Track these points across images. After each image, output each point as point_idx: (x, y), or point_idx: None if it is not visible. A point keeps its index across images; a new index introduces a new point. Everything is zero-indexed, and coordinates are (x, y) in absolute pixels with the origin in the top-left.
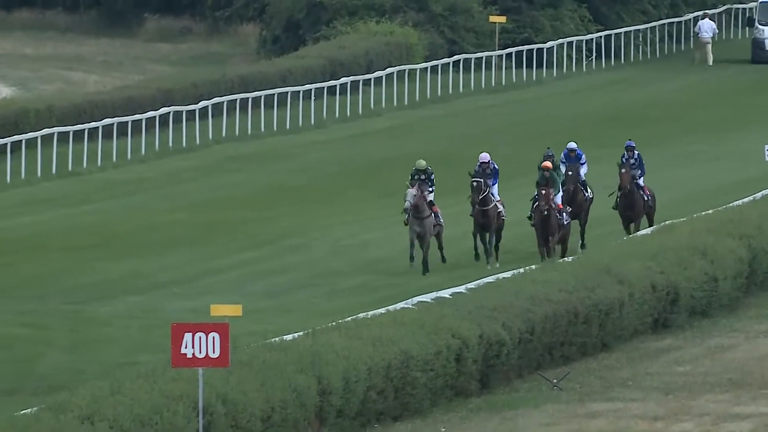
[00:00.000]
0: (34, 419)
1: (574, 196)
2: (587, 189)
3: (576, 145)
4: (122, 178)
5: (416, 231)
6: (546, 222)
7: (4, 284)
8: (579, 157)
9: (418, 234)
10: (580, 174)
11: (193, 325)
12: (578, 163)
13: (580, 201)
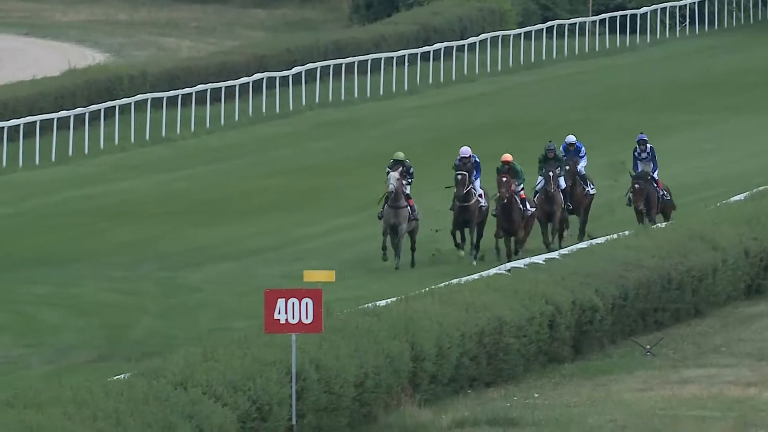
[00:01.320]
0: (127, 385)
1: (573, 190)
2: (587, 183)
3: (575, 138)
4: (215, 144)
5: (393, 222)
6: (507, 213)
7: (97, 250)
8: (578, 150)
9: (392, 225)
10: (579, 168)
11: (286, 291)
12: (577, 156)
13: (579, 196)
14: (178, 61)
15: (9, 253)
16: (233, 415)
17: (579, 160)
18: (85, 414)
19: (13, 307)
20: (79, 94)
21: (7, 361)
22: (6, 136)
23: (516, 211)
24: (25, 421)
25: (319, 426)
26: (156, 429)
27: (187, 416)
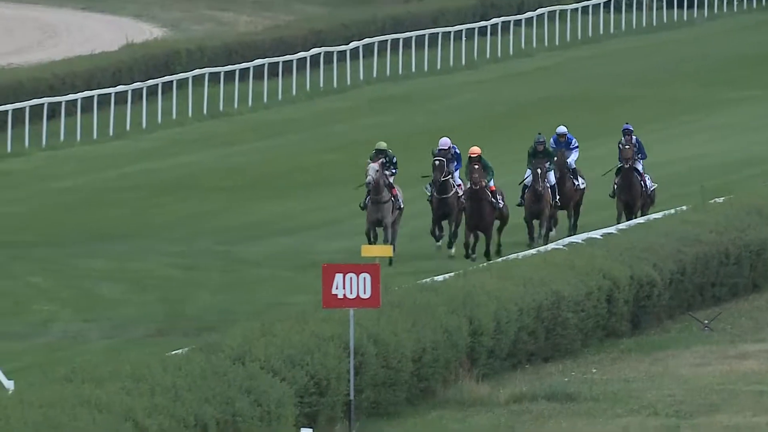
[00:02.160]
0: (185, 360)
1: (562, 184)
2: (578, 178)
3: (566, 129)
4: (272, 118)
5: (376, 218)
6: (476, 205)
7: (155, 225)
8: (569, 141)
9: (377, 220)
10: (568, 160)
11: (344, 266)
12: (567, 148)
13: (569, 190)
14: (235, 36)
15: (68, 228)
16: (291, 390)
17: (569, 152)
18: (143, 389)
19: (73, 281)
20: (137, 68)
21: (67, 336)
22: (64, 111)
23: (486, 204)
24: (84, 396)
25: (377, 401)
26: (214, 404)
27: (245, 391)
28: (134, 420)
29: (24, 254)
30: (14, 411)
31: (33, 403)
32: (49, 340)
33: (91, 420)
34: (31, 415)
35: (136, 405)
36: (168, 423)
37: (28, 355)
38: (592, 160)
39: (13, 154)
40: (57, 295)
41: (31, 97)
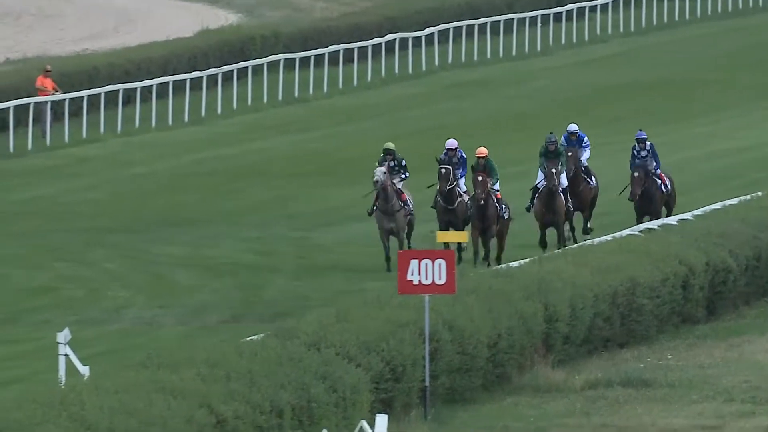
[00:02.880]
0: (260, 346)
1: (575, 184)
2: (591, 177)
3: (577, 127)
4: (348, 104)
5: (388, 228)
6: (482, 212)
7: (231, 210)
8: (581, 140)
9: (390, 230)
10: (581, 159)
11: (420, 252)
12: (579, 147)
13: (583, 190)
14: (310, 22)
15: (143, 214)
16: (366, 376)
17: (581, 150)
18: (218, 375)
19: (148, 267)
20: (212, 54)
21: (142, 322)
22: (139, 97)
23: (491, 208)
24: (159, 382)
25: (453, 387)
26: (289, 390)
27: (320, 377)
28: (209, 406)
29: (99, 240)
30: (89, 397)
31: (108, 389)
32: (124, 326)
33: (166, 406)
34: (107, 401)
35: (211, 391)
36: (243, 409)
37: (103, 342)
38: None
39: (88, 140)
40: (132, 282)
41: (106, 83)
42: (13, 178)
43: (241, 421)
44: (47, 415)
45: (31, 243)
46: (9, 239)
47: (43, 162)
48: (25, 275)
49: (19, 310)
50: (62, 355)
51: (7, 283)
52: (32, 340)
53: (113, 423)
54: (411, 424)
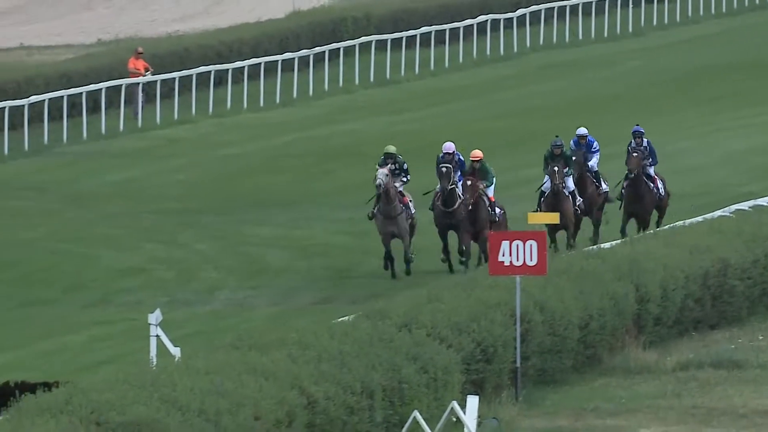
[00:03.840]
0: (351, 327)
1: (583, 187)
2: (601, 181)
3: (586, 131)
4: (439, 86)
5: (390, 232)
6: (473, 216)
7: (322, 192)
8: (590, 144)
9: (393, 234)
10: (589, 163)
11: (511, 234)
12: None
13: (591, 194)
14: (402, 3)
15: (234, 195)
16: (458, 357)
17: (590, 155)
18: (309, 356)
19: (240, 248)
20: (304, 36)
21: (233, 303)
22: (231, 78)
23: (482, 211)
24: (250, 363)
25: (543, 368)
26: (380, 371)
27: (411, 358)
28: (300, 387)
29: (191, 222)
30: (180, 378)
31: (199, 370)
32: (215, 308)
33: (257, 387)
34: (198, 382)
35: (302, 372)
36: (334, 390)
37: (194, 323)
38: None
39: (179, 122)
40: (223, 263)
41: (198, 65)
42: (105, 159)
43: (332, 402)
44: (138, 396)
45: (122, 224)
46: (101, 220)
47: (135, 143)
48: (117, 256)
49: (110, 291)
50: (153, 336)
51: (99, 264)
52: (124, 321)
53: (204, 404)
54: (502, 406)
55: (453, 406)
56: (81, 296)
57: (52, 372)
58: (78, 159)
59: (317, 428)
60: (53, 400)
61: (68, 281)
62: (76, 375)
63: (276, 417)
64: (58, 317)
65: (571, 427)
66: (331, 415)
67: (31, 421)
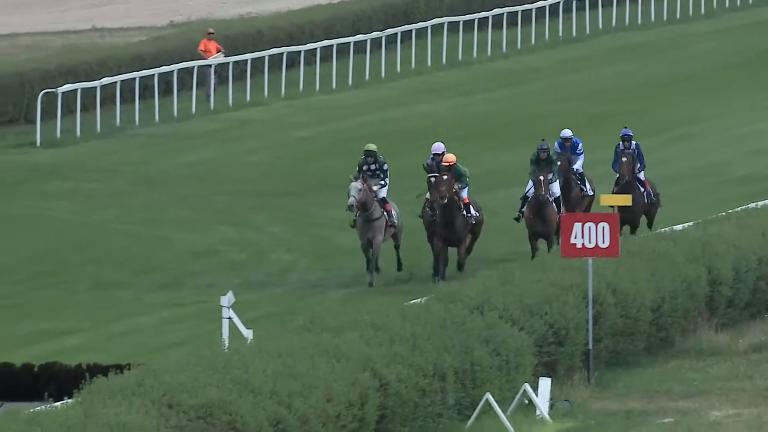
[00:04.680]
0: (424, 309)
1: (568, 190)
2: (586, 183)
3: (571, 133)
4: (511, 67)
5: (370, 237)
6: (449, 221)
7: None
8: (575, 146)
9: (369, 240)
10: (574, 165)
11: (583, 215)
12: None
13: (575, 197)
14: None
15: (307, 177)
16: (530, 339)
17: (575, 157)
18: (382, 338)
19: (312, 231)
20: (376, 17)
21: (306, 285)
22: (303, 60)
23: (458, 216)
24: (322, 345)
25: (616, 350)
26: (452, 353)
27: (483, 340)
28: (372, 369)
29: (264, 204)
30: (253, 360)
31: (271, 352)
32: (288, 290)
33: (329, 369)
34: (270, 365)
35: (374, 354)
36: (406, 372)
37: (266, 305)
38: None
39: (252, 104)
40: (296, 245)
41: (270, 47)
42: (177, 141)
43: (404, 384)
44: (211, 378)
45: (194, 206)
46: (173, 202)
47: (207, 125)
48: (190, 238)
49: (183, 274)
50: (226, 319)
51: (172, 246)
52: (196, 303)
53: (276, 386)
54: (574, 388)
55: (525, 389)
56: (153, 278)
57: (123, 354)
58: (150, 141)
59: (389, 410)
60: (125, 382)
61: (140, 263)
62: (148, 357)
63: (348, 399)
64: (130, 299)
65: (643, 409)
66: (403, 397)
67: (103, 404)
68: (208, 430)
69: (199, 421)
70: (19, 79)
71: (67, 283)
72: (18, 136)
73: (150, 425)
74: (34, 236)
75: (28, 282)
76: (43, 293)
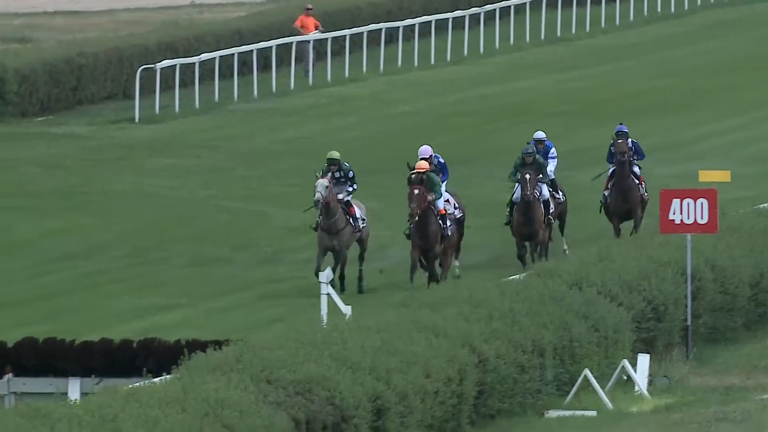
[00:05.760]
0: (522, 285)
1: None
2: (558, 190)
3: (544, 135)
4: (609, 43)
5: (329, 246)
6: (423, 231)
7: (492, 150)
8: (548, 149)
9: (331, 248)
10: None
11: (681, 191)
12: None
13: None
14: None
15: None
16: (628, 315)
17: (547, 161)
18: (480, 314)
19: None
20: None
21: (404, 261)
22: (401, 36)
23: (432, 224)
24: (421, 321)
25: (715, 326)
26: (551, 329)
27: (582, 316)
28: (471, 345)
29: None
30: (351, 336)
31: (370, 328)
32: (386, 265)
33: (428, 345)
34: (368, 340)
35: (473, 330)
36: (505, 348)
37: (364, 280)
38: None
39: (351, 80)
40: (393, 220)
41: (368, 23)
42: (276, 117)
43: (503, 360)
44: (309, 353)
45: (292, 182)
46: (271, 178)
47: (305, 101)
48: (288, 215)
49: (281, 250)
50: (324, 295)
51: (270, 222)
52: (293, 279)
53: (375, 362)
54: (673, 364)
55: (624, 365)
56: (252, 254)
57: (222, 330)
58: (249, 117)
59: (487, 386)
60: (224, 358)
61: (239, 239)
62: (246, 333)
63: (447, 375)
64: (229, 275)
65: (742, 385)
66: (502, 373)
67: (202, 379)
68: (307, 405)
69: (298, 396)
70: (118, 55)
71: (166, 259)
72: (117, 112)
73: (248, 401)
74: (133, 212)
75: (128, 258)
76: (143, 269)
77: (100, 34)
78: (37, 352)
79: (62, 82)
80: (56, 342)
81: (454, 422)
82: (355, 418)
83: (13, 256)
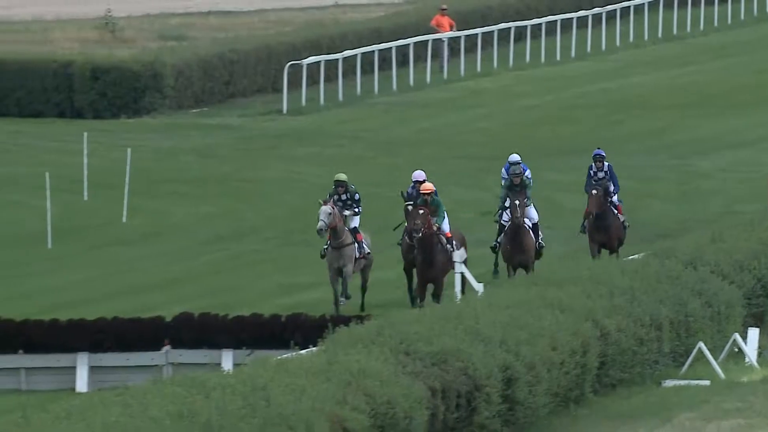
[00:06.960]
0: (641, 264)
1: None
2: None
3: (519, 158)
4: (722, 41)
5: (337, 265)
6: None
7: (611, 140)
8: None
9: (338, 268)
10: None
11: None
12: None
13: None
14: None
15: (532, 142)
16: (739, 292)
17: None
18: (602, 291)
19: (537, 191)
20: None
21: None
22: (529, 34)
23: (438, 253)
24: (548, 298)
25: None
26: (668, 305)
27: (696, 293)
28: (594, 320)
29: (492, 167)
30: (483, 312)
31: (500, 304)
32: None
33: (554, 320)
34: (499, 316)
35: (595, 306)
36: (625, 323)
37: (491, 260)
38: None
39: (482, 74)
40: None
41: (499, 22)
42: (413, 109)
43: (623, 334)
44: (444, 328)
45: (429, 169)
46: (410, 166)
47: (440, 94)
48: None
49: None
50: (458, 273)
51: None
52: None
53: (505, 335)
54: None
55: (735, 338)
56: (391, 235)
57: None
58: (388, 109)
59: (609, 358)
60: (365, 331)
61: (378, 223)
62: (386, 309)
63: (571, 347)
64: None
65: None
66: (623, 345)
67: (345, 351)
68: (442, 376)
69: (434, 367)
70: (267, 52)
71: (312, 241)
72: (266, 105)
73: (388, 371)
74: (283, 197)
75: (277, 239)
76: (290, 250)
77: (251, 33)
78: (193, 326)
79: (215, 77)
80: (210, 317)
81: (578, 391)
82: (486, 387)
83: (172, 238)
